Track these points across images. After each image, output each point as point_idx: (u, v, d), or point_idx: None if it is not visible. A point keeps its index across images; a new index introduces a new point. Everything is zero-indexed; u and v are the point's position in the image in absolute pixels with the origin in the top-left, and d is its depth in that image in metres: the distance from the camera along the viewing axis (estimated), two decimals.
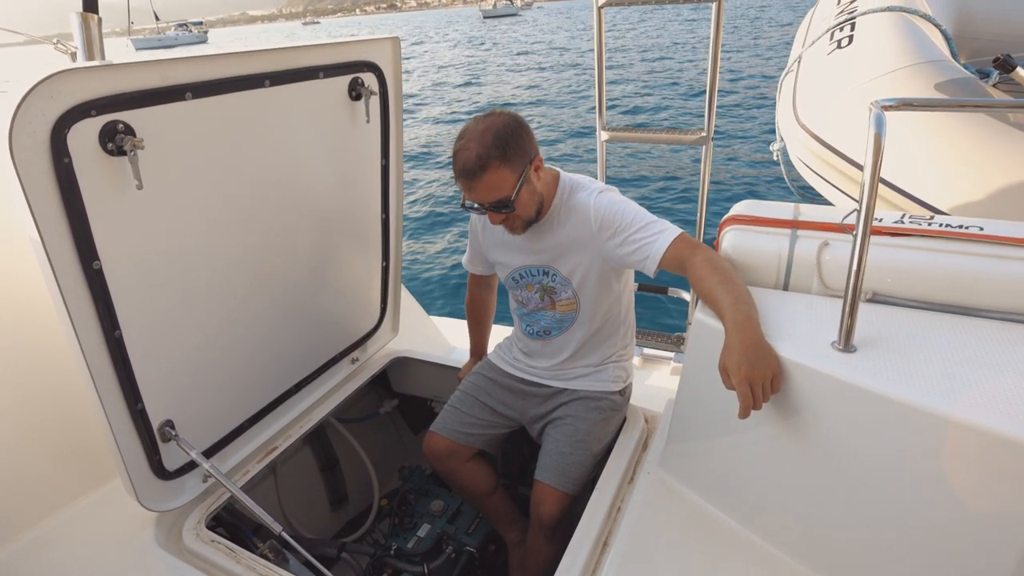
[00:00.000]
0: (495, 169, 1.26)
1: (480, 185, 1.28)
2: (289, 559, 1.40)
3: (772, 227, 1.26)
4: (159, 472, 1.32)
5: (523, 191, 1.31)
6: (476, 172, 1.26)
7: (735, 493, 1.21)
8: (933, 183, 1.94)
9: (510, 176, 1.28)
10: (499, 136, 1.26)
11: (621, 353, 1.60)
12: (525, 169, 1.31)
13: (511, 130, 1.28)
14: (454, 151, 1.30)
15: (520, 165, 1.30)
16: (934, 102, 1.75)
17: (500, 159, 1.26)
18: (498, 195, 1.29)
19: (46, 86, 0.94)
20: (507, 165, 1.27)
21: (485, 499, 1.64)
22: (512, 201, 1.30)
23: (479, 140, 1.26)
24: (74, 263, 1.06)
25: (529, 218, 1.38)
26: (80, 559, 1.33)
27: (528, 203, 1.35)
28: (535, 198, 1.36)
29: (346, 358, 1.86)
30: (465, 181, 1.29)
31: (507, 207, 1.31)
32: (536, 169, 1.34)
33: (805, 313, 1.14)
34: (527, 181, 1.32)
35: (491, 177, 1.27)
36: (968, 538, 0.90)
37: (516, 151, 1.28)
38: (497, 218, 1.35)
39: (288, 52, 1.33)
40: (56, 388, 1.42)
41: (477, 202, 1.33)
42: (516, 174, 1.29)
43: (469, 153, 1.26)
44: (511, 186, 1.29)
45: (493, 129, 1.27)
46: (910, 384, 0.92)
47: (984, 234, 1.12)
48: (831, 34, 2.79)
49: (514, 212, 1.33)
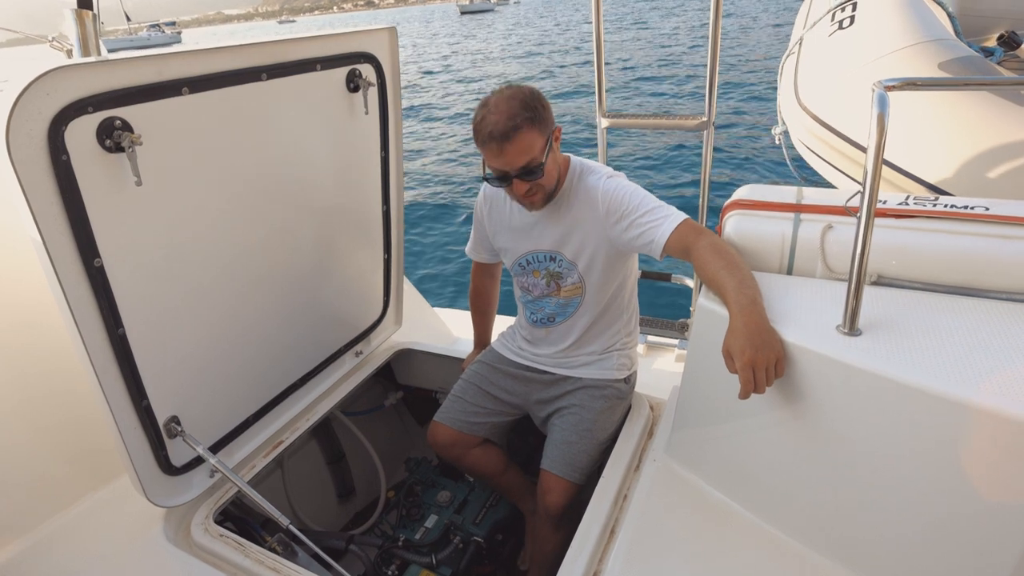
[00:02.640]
0: (527, 131, 1.27)
1: (512, 148, 1.26)
2: (297, 552, 1.41)
3: (775, 211, 1.25)
4: (166, 468, 1.33)
5: (549, 158, 1.33)
6: (509, 134, 1.25)
7: (741, 479, 1.21)
8: (938, 164, 1.92)
9: (539, 139, 1.29)
10: (526, 101, 1.28)
11: (625, 341, 1.59)
12: (550, 136, 1.33)
13: (536, 97, 1.31)
14: (478, 120, 1.29)
15: (546, 131, 1.32)
16: (938, 81, 1.73)
17: (530, 121, 1.27)
18: (529, 158, 1.28)
19: (42, 83, 0.93)
20: (537, 128, 1.28)
21: (498, 478, 1.65)
22: (542, 166, 1.30)
23: (507, 105, 1.26)
24: (75, 261, 1.05)
25: (550, 190, 1.37)
26: (90, 556, 1.34)
27: (552, 172, 1.36)
28: (557, 169, 1.37)
29: (350, 351, 1.86)
30: (495, 145, 1.27)
31: (537, 172, 1.31)
32: (556, 139, 1.36)
33: (809, 297, 1.14)
34: (552, 149, 1.33)
35: (523, 139, 1.26)
36: (976, 519, 0.89)
37: (542, 116, 1.30)
38: (522, 187, 1.33)
39: (285, 45, 1.32)
40: (61, 387, 1.42)
41: (505, 169, 1.30)
42: (544, 139, 1.31)
43: (499, 116, 1.25)
44: (541, 150, 1.30)
45: (519, 96, 1.28)
46: (916, 367, 0.92)
47: (990, 214, 1.10)
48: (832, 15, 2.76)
49: (542, 179, 1.32)
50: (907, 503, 0.96)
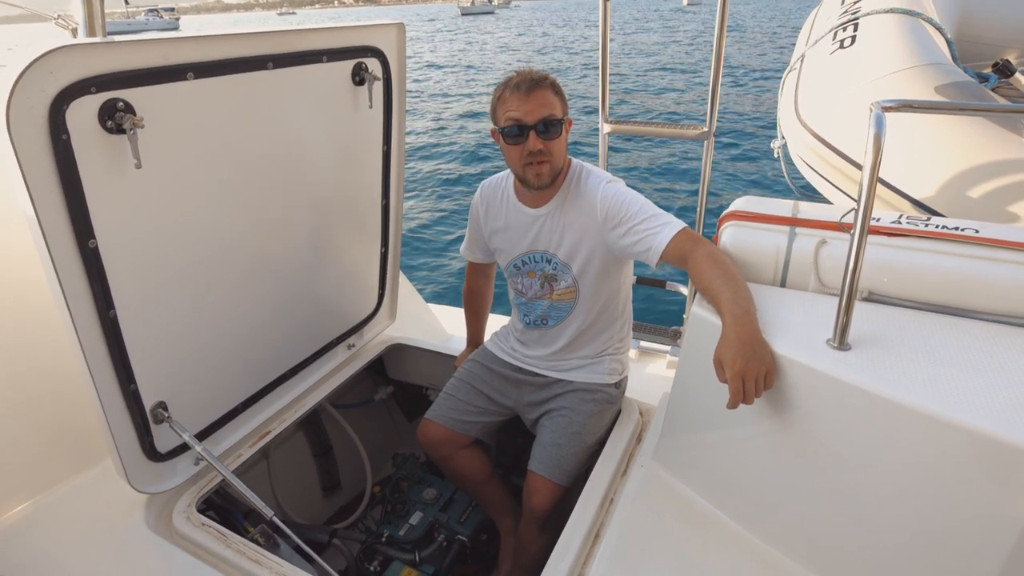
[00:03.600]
0: (551, 92, 1.36)
1: (536, 97, 1.33)
2: (280, 544, 1.41)
3: (771, 224, 1.27)
4: (151, 454, 1.32)
5: (564, 130, 1.39)
6: (539, 82, 1.34)
7: (728, 488, 1.22)
8: (931, 185, 1.95)
9: (560, 105, 1.37)
10: (550, 77, 1.38)
11: (617, 346, 1.60)
12: (566, 116, 1.39)
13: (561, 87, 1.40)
14: (505, 81, 1.38)
15: (565, 107, 1.39)
16: (934, 104, 1.76)
17: (554, 89, 1.37)
18: (549, 111, 1.34)
19: (46, 61, 0.93)
20: (559, 97, 1.38)
21: (480, 487, 1.65)
22: (562, 123, 1.36)
23: (533, 73, 1.36)
24: (69, 241, 1.04)
25: (557, 167, 1.40)
26: (68, 540, 1.33)
27: (563, 147, 1.40)
28: (565, 151, 1.42)
29: (342, 343, 1.86)
30: (524, 90, 1.33)
31: (554, 128, 1.35)
32: (567, 127, 1.42)
33: (801, 310, 1.15)
34: (566, 130, 1.40)
35: (547, 94, 1.35)
36: (956, 535, 0.91)
37: (565, 99, 1.40)
38: (537, 143, 1.34)
39: (292, 35, 1.32)
40: (48, 367, 1.41)
41: (525, 119, 1.33)
42: (563, 109, 1.39)
43: (527, 74, 1.35)
44: (561, 111, 1.37)
45: (543, 73, 1.38)
46: (903, 383, 0.93)
47: (980, 236, 1.12)
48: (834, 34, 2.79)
49: (554, 143, 1.36)
50: (890, 518, 0.97)
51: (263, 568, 1.23)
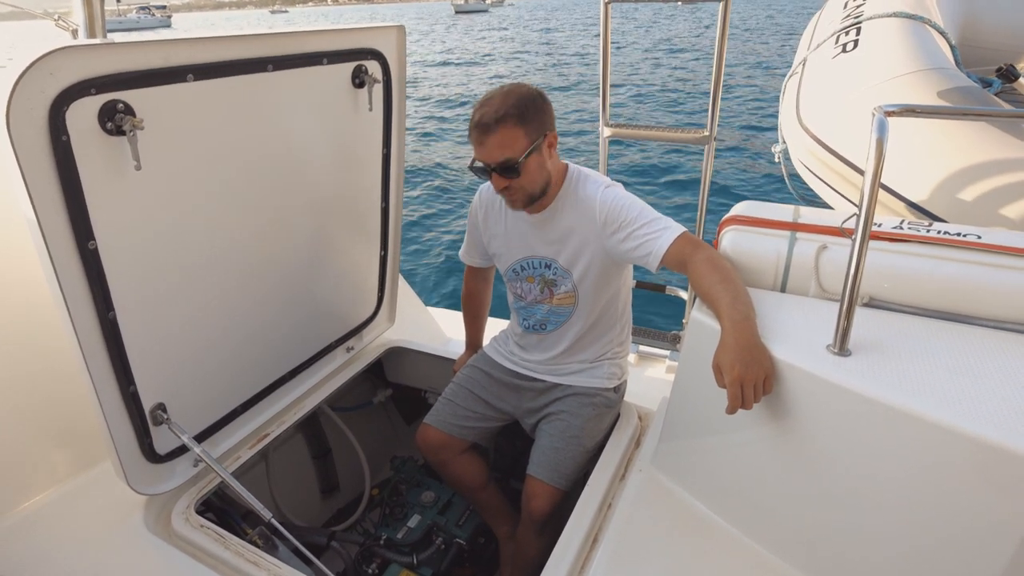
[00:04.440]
0: (510, 127, 1.29)
1: (492, 140, 1.29)
2: (278, 546, 1.40)
3: (771, 228, 1.26)
4: (150, 455, 1.32)
5: (532, 159, 1.32)
6: (491, 126, 1.28)
7: (726, 493, 1.22)
8: (933, 190, 1.95)
9: (523, 139, 1.30)
10: (521, 100, 1.30)
11: (617, 350, 1.60)
12: (539, 139, 1.33)
13: (533, 98, 1.32)
14: (474, 108, 1.33)
15: (535, 133, 1.32)
16: (937, 109, 1.75)
17: (517, 119, 1.29)
18: (507, 154, 1.30)
19: (46, 62, 0.93)
20: (522, 127, 1.30)
21: (477, 493, 1.64)
22: (519, 165, 1.31)
23: (502, 99, 1.30)
24: (69, 242, 1.05)
25: (532, 193, 1.37)
26: (67, 541, 1.32)
27: (535, 174, 1.34)
28: (542, 173, 1.36)
29: (341, 346, 1.86)
30: (478, 134, 1.30)
31: (513, 171, 1.31)
32: (550, 145, 1.36)
33: (801, 315, 1.15)
34: (538, 151, 1.33)
35: (504, 133, 1.29)
36: (956, 543, 0.90)
37: (534, 118, 1.31)
38: (500, 183, 1.34)
39: (292, 37, 1.32)
40: (47, 369, 1.41)
41: (485, 161, 1.33)
42: (529, 139, 1.31)
43: (488, 108, 1.29)
44: (521, 149, 1.31)
45: (517, 93, 1.31)
46: (903, 390, 0.93)
47: (982, 243, 1.12)
48: (836, 38, 2.79)
49: (519, 179, 1.33)
50: (889, 525, 0.97)
51: (261, 570, 1.23)
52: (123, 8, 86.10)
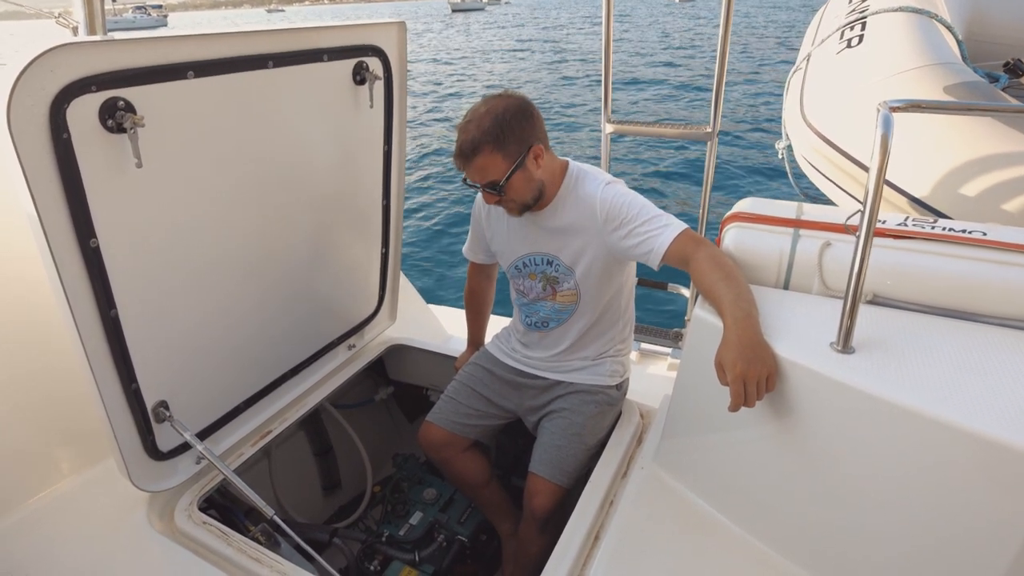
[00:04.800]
0: (487, 154, 1.31)
1: (471, 167, 1.34)
2: (280, 543, 1.41)
3: (775, 225, 1.26)
4: (152, 453, 1.32)
5: (515, 177, 1.34)
6: (468, 155, 1.32)
7: (728, 490, 1.21)
8: (938, 186, 1.93)
9: (502, 163, 1.33)
10: (497, 120, 1.30)
11: (619, 347, 1.59)
12: (521, 156, 1.34)
13: (512, 115, 1.32)
14: (457, 129, 1.36)
15: (515, 152, 1.33)
16: (943, 104, 1.73)
17: (493, 144, 1.30)
18: (489, 178, 1.34)
19: (46, 59, 0.93)
20: (500, 151, 1.31)
21: (479, 490, 1.64)
22: (501, 186, 1.34)
23: (478, 123, 1.31)
24: (71, 240, 1.05)
25: (524, 203, 1.40)
26: (71, 538, 1.33)
27: (521, 189, 1.37)
28: (531, 185, 1.38)
29: (343, 344, 1.86)
30: (460, 161, 1.36)
31: (498, 190, 1.35)
32: (536, 157, 1.36)
33: (805, 313, 1.14)
34: (522, 168, 1.34)
35: (482, 161, 1.32)
36: (960, 541, 0.90)
37: (513, 137, 1.32)
38: (492, 198, 1.39)
39: (293, 33, 1.32)
40: (50, 366, 1.41)
41: (473, 179, 1.37)
42: (510, 160, 1.33)
43: (466, 136, 1.32)
44: (502, 172, 1.33)
45: (494, 113, 1.31)
46: (907, 387, 0.92)
47: (987, 239, 1.11)
48: (841, 33, 2.76)
49: (506, 195, 1.37)
50: (893, 523, 0.96)
51: (264, 566, 1.23)
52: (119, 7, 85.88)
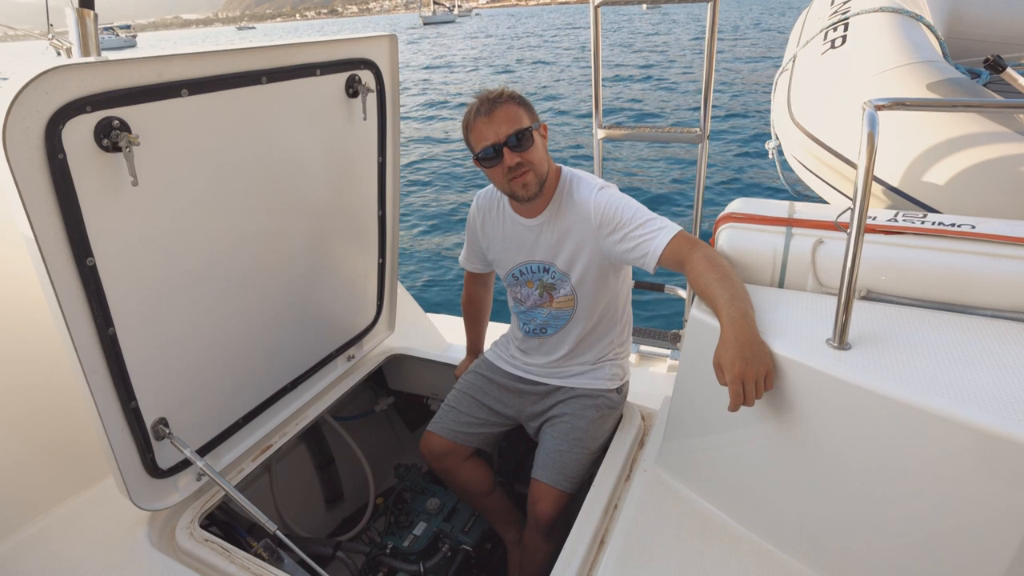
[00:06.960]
0: (514, 105, 1.37)
1: (500, 114, 1.35)
2: (284, 558, 1.40)
3: (767, 225, 1.27)
4: (152, 471, 1.31)
5: (538, 138, 1.39)
6: (498, 101, 1.36)
7: (731, 490, 1.22)
8: (926, 181, 1.96)
9: (526, 116, 1.38)
10: (511, 91, 1.40)
11: (618, 351, 1.60)
12: (536, 123, 1.40)
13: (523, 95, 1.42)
14: (468, 109, 1.41)
15: (533, 116, 1.41)
16: (927, 102, 1.76)
17: (516, 101, 1.38)
18: (517, 126, 1.35)
19: (41, 82, 0.93)
20: (523, 108, 1.39)
21: (483, 499, 1.64)
22: (531, 131, 1.36)
23: (493, 92, 1.39)
24: (68, 259, 1.05)
25: (542, 173, 1.39)
26: (72, 558, 1.32)
27: (540, 152, 1.39)
28: (545, 157, 1.42)
29: (342, 355, 1.86)
30: (487, 109, 1.35)
31: (526, 139, 1.35)
32: (543, 135, 1.42)
33: (800, 310, 1.15)
34: (541, 136, 1.41)
35: (510, 109, 1.36)
36: (961, 533, 0.90)
37: (530, 106, 1.41)
38: (513, 158, 1.35)
39: (285, 49, 1.33)
40: (48, 386, 1.41)
41: (495, 139, 1.35)
42: (531, 119, 1.39)
43: (488, 94, 1.38)
44: (529, 120, 1.38)
45: (503, 89, 1.40)
46: (904, 381, 0.93)
47: (976, 232, 1.13)
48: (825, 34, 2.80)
49: (530, 153, 1.36)
50: (894, 517, 0.97)
51: None
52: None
